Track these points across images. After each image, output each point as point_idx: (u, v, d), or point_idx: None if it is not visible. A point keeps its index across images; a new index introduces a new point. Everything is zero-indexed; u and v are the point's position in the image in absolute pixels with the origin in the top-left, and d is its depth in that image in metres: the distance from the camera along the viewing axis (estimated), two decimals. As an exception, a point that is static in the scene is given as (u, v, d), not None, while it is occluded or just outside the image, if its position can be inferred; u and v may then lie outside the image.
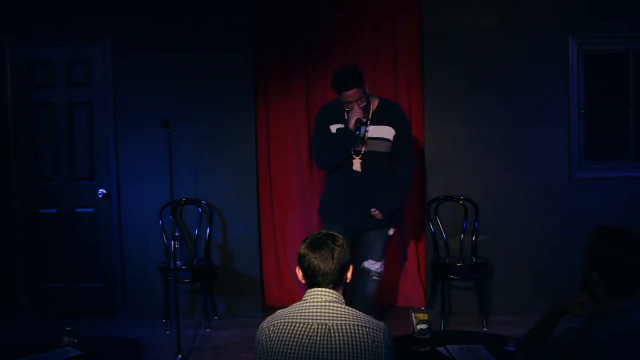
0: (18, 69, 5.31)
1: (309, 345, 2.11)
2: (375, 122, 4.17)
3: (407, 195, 4.42)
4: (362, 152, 4.16)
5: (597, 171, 5.11)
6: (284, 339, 2.14)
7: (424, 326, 2.90)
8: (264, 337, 2.19)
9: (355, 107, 4.04)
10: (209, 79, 5.16)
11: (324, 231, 2.31)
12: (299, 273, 2.28)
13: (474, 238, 5.04)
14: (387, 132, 4.16)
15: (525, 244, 5.09)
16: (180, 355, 4.09)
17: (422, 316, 2.92)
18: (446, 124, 5.10)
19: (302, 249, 2.26)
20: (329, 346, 2.10)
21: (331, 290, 2.21)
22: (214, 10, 5.13)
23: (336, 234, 2.29)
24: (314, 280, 2.22)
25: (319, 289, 2.21)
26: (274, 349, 2.15)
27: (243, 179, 5.19)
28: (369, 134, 4.16)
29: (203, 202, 5.18)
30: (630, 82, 5.11)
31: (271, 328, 2.19)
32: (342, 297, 2.24)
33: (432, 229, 5.04)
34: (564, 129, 5.07)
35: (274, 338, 2.16)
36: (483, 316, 4.83)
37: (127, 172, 5.21)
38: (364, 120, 4.11)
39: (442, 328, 4.72)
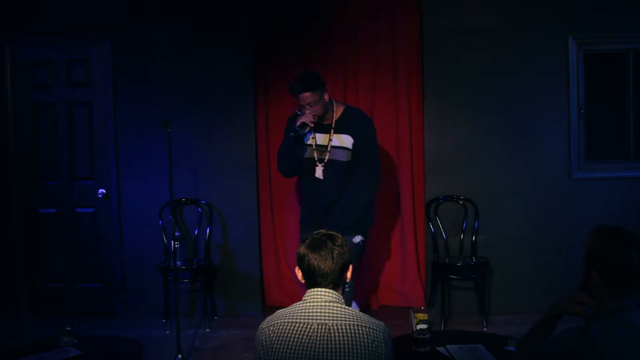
0: (18, 69, 5.31)
1: (309, 345, 2.11)
2: (337, 130, 4.10)
3: (362, 208, 4.11)
4: (326, 160, 4.12)
5: (597, 171, 5.11)
6: (284, 339, 2.14)
7: (424, 326, 2.91)
8: (263, 337, 2.19)
9: (307, 110, 4.01)
10: (209, 79, 5.16)
11: (323, 231, 2.31)
12: (299, 273, 2.28)
13: (474, 238, 5.04)
14: (347, 141, 4.09)
15: (525, 244, 5.09)
16: (180, 355, 4.09)
17: (422, 316, 2.92)
18: (446, 124, 5.10)
19: (302, 249, 2.25)
20: (329, 346, 2.10)
21: (331, 291, 2.21)
22: (214, 10, 5.13)
23: (335, 234, 2.29)
24: (314, 280, 2.22)
25: (319, 289, 2.21)
26: (273, 349, 2.15)
27: (243, 179, 5.19)
28: (332, 143, 4.10)
29: (203, 202, 5.18)
30: (630, 82, 5.11)
31: (271, 328, 2.19)
32: (342, 297, 2.24)
33: (432, 229, 5.04)
34: (564, 129, 5.07)
35: (273, 338, 2.16)
36: (483, 316, 4.83)
37: (127, 172, 5.21)
38: (311, 125, 4.04)
39: (442, 328, 4.72)
